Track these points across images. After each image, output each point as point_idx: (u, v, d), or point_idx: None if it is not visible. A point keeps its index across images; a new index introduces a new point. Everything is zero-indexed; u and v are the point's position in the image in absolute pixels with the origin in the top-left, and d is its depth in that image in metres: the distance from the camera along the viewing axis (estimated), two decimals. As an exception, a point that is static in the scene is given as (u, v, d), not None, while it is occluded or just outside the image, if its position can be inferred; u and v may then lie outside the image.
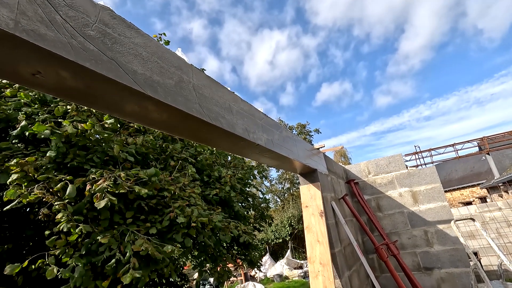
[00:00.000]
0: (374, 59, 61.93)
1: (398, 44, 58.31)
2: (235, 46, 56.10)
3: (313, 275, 2.43)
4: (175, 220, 2.89)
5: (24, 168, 2.23)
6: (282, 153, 2.15)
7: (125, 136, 3.10)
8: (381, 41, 57.71)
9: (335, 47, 58.38)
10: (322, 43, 56.39)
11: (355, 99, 57.91)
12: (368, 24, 54.39)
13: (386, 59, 59.30)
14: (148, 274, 2.72)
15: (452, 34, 55.48)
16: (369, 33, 55.96)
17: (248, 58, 55.72)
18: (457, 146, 14.69)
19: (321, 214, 2.68)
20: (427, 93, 59.09)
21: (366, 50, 60.61)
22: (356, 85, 59.84)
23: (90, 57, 0.86)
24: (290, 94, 56.02)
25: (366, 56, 61.62)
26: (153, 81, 1.08)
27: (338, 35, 57.24)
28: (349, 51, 60.71)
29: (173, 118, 1.25)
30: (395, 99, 57.62)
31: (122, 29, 1.02)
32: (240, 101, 1.74)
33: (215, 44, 58.74)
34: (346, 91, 56.80)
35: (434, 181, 3.79)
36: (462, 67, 60.27)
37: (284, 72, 55.21)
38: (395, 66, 57.90)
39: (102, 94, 0.98)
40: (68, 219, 2.32)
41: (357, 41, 60.07)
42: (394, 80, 57.98)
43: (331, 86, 57.42)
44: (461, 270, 3.37)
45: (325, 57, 58.12)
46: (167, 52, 1.22)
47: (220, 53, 59.37)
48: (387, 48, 58.68)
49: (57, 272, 2.33)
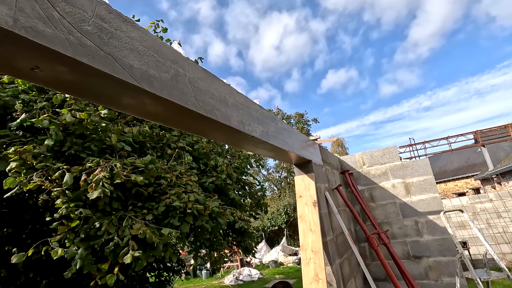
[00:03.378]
0: (383, 46, 60.59)
1: (408, 30, 56.86)
2: (242, 29, 54.57)
3: (305, 262, 2.52)
4: (171, 206, 2.96)
5: (23, 156, 2.26)
6: (277, 144, 2.20)
7: (122, 126, 3.12)
8: (391, 27, 56.25)
9: (344, 33, 56.94)
10: (331, 28, 54.96)
11: (360, 87, 57.18)
12: (379, 9, 52.70)
13: (394, 46, 58.02)
14: (145, 258, 2.82)
15: (464, 21, 53.77)
16: (380, 18, 54.44)
17: (254, 42, 54.25)
18: (451, 139, 14.81)
19: (314, 204, 2.75)
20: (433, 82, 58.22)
21: (375, 37, 59.18)
22: (362, 73, 58.89)
23: (87, 53, 0.89)
24: (295, 80, 55.19)
25: (375, 42, 60.23)
26: (149, 75, 1.11)
27: (347, 20, 55.68)
28: (358, 36, 59.29)
29: (169, 111, 1.28)
30: (400, 88, 56.90)
31: (118, 23, 1.03)
32: (235, 93, 1.77)
33: (221, 26, 57.11)
34: (352, 79, 56.02)
35: (427, 173, 3.87)
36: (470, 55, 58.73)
37: (290, 57, 54.12)
38: (403, 54, 56.74)
39: (98, 88, 1.01)
40: (68, 204, 2.38)
41: (367, 26, 58.56)
42: (401, 69, 57.01)
43: (337, 73, 56.53)
44: (448, 258, 3.50)
45: (333, 43, 56.83)
46: (164, 46, 1.24)
47: (226, 36, 57.81)
48: (397, 34, 57.29)
49: (64, 253, 2.41)
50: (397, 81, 56.70)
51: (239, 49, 56.87)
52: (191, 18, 62.33)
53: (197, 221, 3.20)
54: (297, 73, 55.06)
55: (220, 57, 58.27)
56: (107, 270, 2.68)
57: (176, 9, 66.83)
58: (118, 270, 2.68)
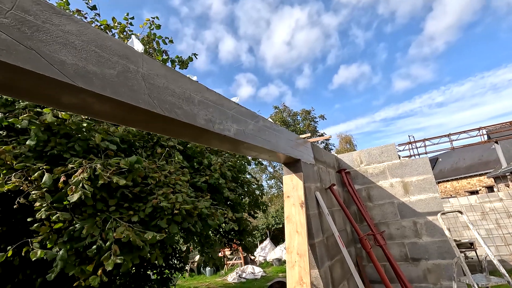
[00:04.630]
0: (397, 40, 58.60)
1: (424, 23, 54.79)
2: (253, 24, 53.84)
3: (290, 265, 2.43)
4: (158, 207, 2.91)
5: (1, 156, 2.24)
6: (257, 143, 2.10)
7: (107, 125, 3.08)
8: (406, 20, 54.25)
9: (357, 26, 55.40)
10: (343, 22, 53.51)
11: (372, 82, 55.63)
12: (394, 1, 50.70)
13: (409, 40, 56.03)
14: (130, 259, 2.77)
15: (483, 13, 50.95)
16: (395, 11, 52.57)
17: (265, 37, 53.40)
18: (452, 136, 14.31)
19: (301, 204, 2.65)
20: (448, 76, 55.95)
21: (389, 30, 57.29)
22: (375, 68, 57.26)
23: (1, 47, 0.81)
24: (306, 76, 54.24)
25: (389, 36, 58.29)
26: (87, 72, 1.03)
27: (361, 13, 54.07)
28: (371, 30, 57.55)
29: (117, 110, 1.20)
30: (413, 83, 55.01)
31: (47, 15, 0.95)
32: (205, 91, 1.68)
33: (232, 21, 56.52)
34: (364, 74, 54.60)
35: (426, 172, 3.70)
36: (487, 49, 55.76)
37: (302, 53, 53.16)
38: (417, 48, 54.71)
39: (27, 86, 0.94)
40: (48, 207, 2.35)
41: (381, 20, 56.75)
42: (415, 63, 55.03)
43: (349, 68, 55.18)
44: (448, 261, 3.34)
45: (345, 37, 55.39)
46: (110, 40, 1.16)
47: (237, 32, 57.23)
48: (412, 28, 55.26)
49: (44, 255, 2.39)
50: (411, 76, 54.93)
51: (250, 45, 56.26)
52: (202, 13, 62.01)
53: (184, 222, 3.14)
54: (309, 69, 54.16)
55: (231, 53, 57.85)
56: (91, 271, 2.65)
57: (187, 5, 66.50)
58: (102, 271, 2.64)
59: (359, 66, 54.16)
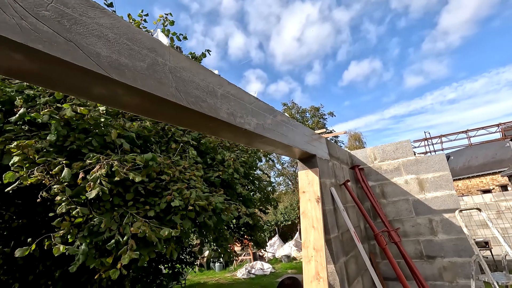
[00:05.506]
0: (410, 35, 56.77)
1: (438, 18, 52.82)
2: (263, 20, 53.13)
3: (306, 259, 2.43)
4: (173, 202, 2.94)
5: (24, 151, 2.30)
6: (275, 138, 2.10)
7: (124, 121, 3.12)
8: (420, 14, 52.52)
9: (369, 21, 53.98)
10: (355, 17, 52.31)
11: (383, 79, 54.28)
12: None
13: (422, 35, 54.15)
14: (147, 253, 2.82)
15: (501, 6, 48.77)
16: (408, 5, 50.91)
17: (275, 33, 52.67)
18: (470, 132, 13.94)
19: (317, 200, 2.64)
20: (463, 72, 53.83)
21: (402, 25, 55.57)
22: (387, 64, 55.72)
23: (43, 39, 0.83)
24: (316, 73, 53.44)
25: (402, 31, 56.48)
26: (120, 64, 1.05)
27: (374, 8, 52.66)
28: (384, 25, 55.98)
29: (146, 103, 1.22)
30: (426, 79, 53.28)
31: (84, 8, 0.97)
32: (226, 84, 1.69)
33: (242, 17, 55.99)
34: (375, 70, 53.28)
35: (443, 169, 3.64)
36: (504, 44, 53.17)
37: (312, 49, 52.30)
38: (431, 43, 52.90)
39: (62, 77, 0.96)
40: (68, 202, 2.41)
41: (394, 14, 55.09)
42: (428, 59, 53.26)
43: (360, 64, 53.97)
44: (464, 259, 3.29)
45: (357, 32, 54.15)
46: (140, 33, 1.18)
47: (247, 28, 56.72)
48: (426, 22, 53.43)
49: (65, 250, 2.45)
50: (424, 72, 53.33)
51: (260, 40, 55.76)
52: (212, 10, 61.75)
53: (199, 217, 3.17)
54: (319, 65, 53.37)
55: (241, 49, 57.52)
56: (110, 264, 2.71)
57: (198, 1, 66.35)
58: (121, 265, 2.70)
59: (370, 62, 53.01)
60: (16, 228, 4.01)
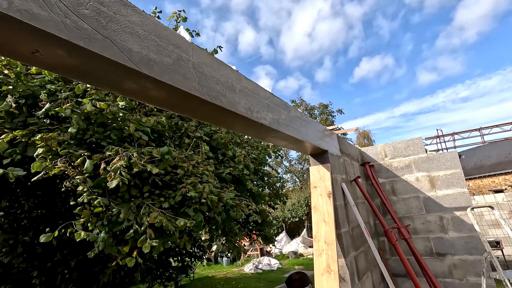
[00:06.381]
0: (424, 31, 55.00)
1: (454, 13, 50.99)
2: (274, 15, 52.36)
3: (317, 253, 2.48)
4: (187, 195, 3.02)
5: (48, 143, 2.40)
6: (289, 133, 2.15)
7: (140, 115, 3.21)
8: (435, 10, 50.85)
9: (382, 16, 52.57)
10: (368, 12, 51.10)
11: (395, 75, 52.90)
12: None
13: (437, 31, 52.46)
14: (162, 243, 2.92)
15: None
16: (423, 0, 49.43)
17: (286, 28, 51.89)
18: (484, 130, 13.63)
19: (329, 195, 2.68)
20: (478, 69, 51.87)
21: (416, 20, 53.91)
22: (399, 60, 54.28)
23: (84, 36, 0.90)
24: (327, 69, 52.59)
25: (416, 27, 54.74)
26: (149, 59, 1.11)
27: (387, 2, 51.27)
28: (397, 20, 54.38)
29: (172, 96, 1.28)
30: (439, 76, 51.70)
31: (117, 7, 1.03)
32: (244, 80, 1.74)
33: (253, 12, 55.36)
34: (387, 67, 51.99)
35: (455, 167, 3.62)
36: None
37: (323, 45, 51.40)
38: (446, 39, 51.14)
39: (98, 72, 1.03)
40: (89, 192, 2.51)
41: (408, 9, 53.46)
42: (442, 55, 51.65)
43: (372, 60, 52.78)
44: (475, 257, 3.28)
45: (369, 28, 52.89)
46: (166, 30, 1.24)
47: (257, 23, 56.13)
48: (441, 17, 51.69)
49: (86, 236, 2.56)
50: (437, 69, 51.82)
51: (270, 36, 55.18)
52: (223, 5, 61.40)
53: (210, 212, 3.24)
54: (329, 61, 52.53)
55: (251, 45, 57.13)
56: (127, 252, 2.81)
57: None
58: (137, 253, 2.80)
59: (383, 58, 51.91)
60: (35, 218, 4.17)
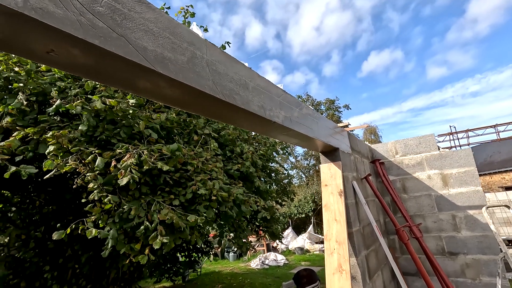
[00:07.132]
0: (435, 24, 53.24)
1: (467, 5, 49.16)
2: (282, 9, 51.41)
3: (329, 252, 2.46)
4: (197, 193, 3.02)
5: (59, 140, 2.41)
6: (301, 131, 2.11)
7: (150, 112, 3.20)
8: (447, 1, 49.11)
9: (392, 9, 50.96)
10: (378, 5, 49.58)
11: (404, 69, 51.50)
12: None
13: (448, 24, 50.70)
14: (173, 240, 2.92)
15: None
16: None
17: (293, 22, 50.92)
18: (499, 127, 13.33)
19: (340, 193, 2.64)
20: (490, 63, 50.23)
21: (427, 13, 52.16)
22: (409, 54, 52.79)
23: (99, 34, 0.87)
24: (334, 64, 51.59)
25: (426, 19, 52.92)
26: (164, 58, 1.08)
27: None
28: (408, 13, 52.66)
29: (186, 95, 1.25)
30: (450, 70, 50.16)
31: (132, 4, 1.00)
32: (256, 77, 1.70)
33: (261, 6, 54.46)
34: (396, 61, 50.61)
35: (468, 164, 3.54)
36: None
37: (331, 39, 50.25)
38: (457, 32, 49.35)
39: (113, 70, 1.00)
40: (100, 189, 2.52)
41: (419, 1, 51.69)
42: (453, 49, 50.04)
43: (380, 54, 51.48)
44: (488, 257, 3.22)
45: (379, 21, 51.49)
46: (180, 27, 1.20)
47: (264, 17, 55.18)
48: (453, 10, 49.88)
49: (97, 234, 2.58)
50: (448, 63, 50.39)
51: (277, 30, 54.33)
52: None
53: (221, 207, 3.23)
54: (337, 55, 51.50)
55: (258, 40, 56.41)
56: (139, 249, 2.83)
57: None
58: (149, 250, 2.81)
59: (392, 52, 50.68)
60: (46, 214, 4.23)
